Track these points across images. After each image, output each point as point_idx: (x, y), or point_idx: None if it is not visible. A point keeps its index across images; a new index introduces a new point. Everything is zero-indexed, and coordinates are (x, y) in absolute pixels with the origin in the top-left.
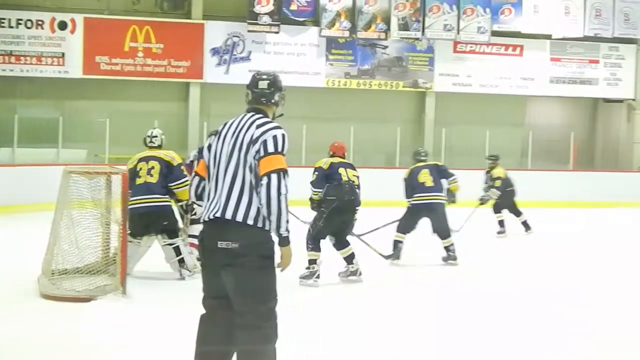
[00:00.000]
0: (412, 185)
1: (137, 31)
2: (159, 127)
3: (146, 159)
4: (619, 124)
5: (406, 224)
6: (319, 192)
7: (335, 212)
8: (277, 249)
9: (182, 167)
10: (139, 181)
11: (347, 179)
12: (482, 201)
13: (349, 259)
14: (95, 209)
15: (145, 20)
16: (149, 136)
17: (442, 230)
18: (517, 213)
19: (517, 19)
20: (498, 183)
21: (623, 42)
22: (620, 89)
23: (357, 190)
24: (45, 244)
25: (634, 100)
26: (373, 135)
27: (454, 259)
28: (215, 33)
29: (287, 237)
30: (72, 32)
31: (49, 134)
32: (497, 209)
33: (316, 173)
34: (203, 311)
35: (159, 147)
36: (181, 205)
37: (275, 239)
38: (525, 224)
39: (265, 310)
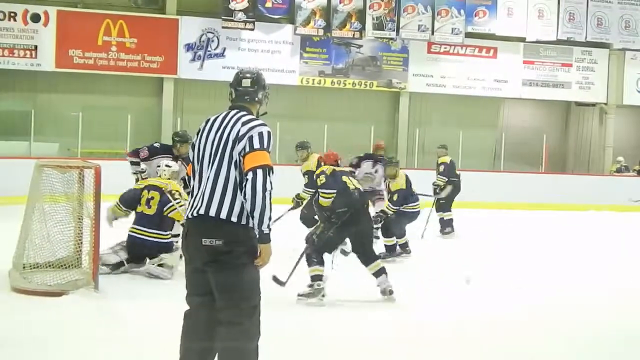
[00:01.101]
0: (409, 193)
1: (111, 25)
2: (132, 121)
3: (148, 188)
4: (591, 128)
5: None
6: (312, 192)
7: (350, 223)
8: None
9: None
10: (138, 209)
11: (354, 187)
12: (435, 190)
13: (378, 273)
14: (67, 202)
15: (119, 14)
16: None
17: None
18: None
19: (491, 21)
20: (441, 168)
21: (596, 47)
22: (593, 92)
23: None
24: (16, 238)
25: (606, 104)
26: (347, 134)
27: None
28: (190, 29)
29: (269, 234)
30: (45, 24)
31: (21, 127)
32: (439, 208)
33: (322, 176)
34: (177, 308)
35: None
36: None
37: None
38: (444, 222)
39: (248, 307)
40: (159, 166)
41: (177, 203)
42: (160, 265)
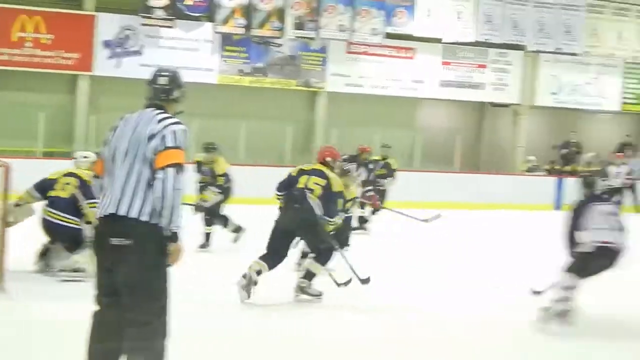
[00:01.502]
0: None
1: (27, 21)
2: (45, 119)
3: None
4: (505, 128)
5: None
6: (278, 195)
7: (279, 225)
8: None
9: None
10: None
11: (302, 186)
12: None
13: (307, 275)
14: None
15: (36, 9)
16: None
17: None
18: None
19: (410, 22)
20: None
21: (511, 48)
22: (507, 93)
23: (308, 199)
24: None
25: (519, 105)
26: (265, 133)
27: None
28: (108, 25)
29: (178, 233)
30: None
31: None
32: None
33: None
34: (88, 309)
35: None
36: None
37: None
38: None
39: (156, 307)
40: (75, 158)
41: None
42: (75, 270)
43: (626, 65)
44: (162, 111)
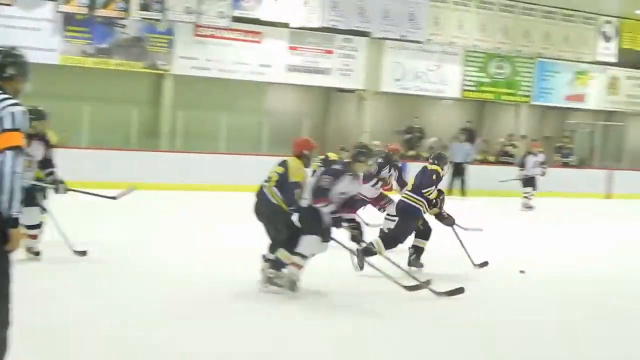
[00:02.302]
0: None
1: None
2: None
3: None
4: (350, 113)
5: None
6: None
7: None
8: None
9: None
10: None
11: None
12: None
13: (275, 264)
14: None
15: None
16: None
17: None
18: None
19: (257, 6)
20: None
21: (357, 35)
22: (352, 79)
23: (263, 189)
24: None
25: (364, 90)
26: (109, 115)
27: None
28: None
29: (17, 218)
30: None
31: None
32: None
33: None
34: None
35: None
36: None
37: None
38: None
39: None
40: None
41: None
42: None
43: (466, 54)
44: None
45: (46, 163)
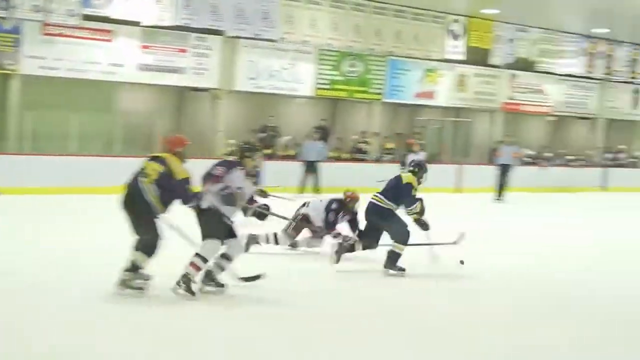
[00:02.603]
0: None
1: None
2: None
3: None
4: (204, 113)
5: None
6: None
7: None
8: None
9: None
10: None
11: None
12: None
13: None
14: None
15: None
16: None
17: None
18: None
19: (108, 4)
20: None
21: (211, 33)
22: (207, 78)
23: (138, 183)
24: None
25: (218, 89)
26: None
27: None
28: None
29: None
30: None
31: None
32: None
33: None
34: None
35: None
36: None
37: None
38: None
39: None
40: None
41: None
42: None
43: (319, 52)
44: None
45: None
